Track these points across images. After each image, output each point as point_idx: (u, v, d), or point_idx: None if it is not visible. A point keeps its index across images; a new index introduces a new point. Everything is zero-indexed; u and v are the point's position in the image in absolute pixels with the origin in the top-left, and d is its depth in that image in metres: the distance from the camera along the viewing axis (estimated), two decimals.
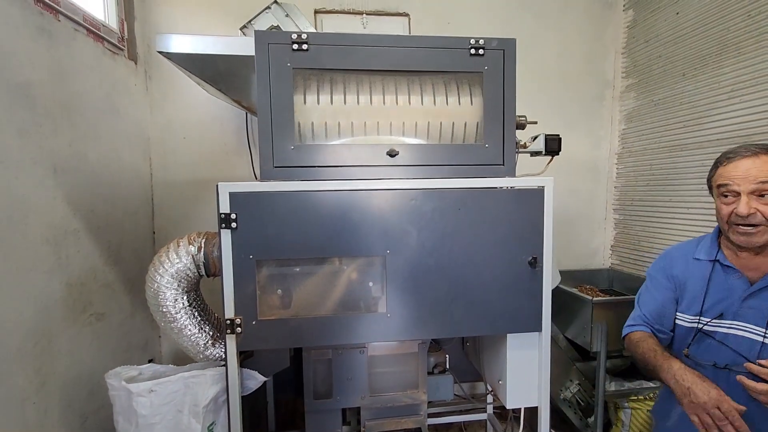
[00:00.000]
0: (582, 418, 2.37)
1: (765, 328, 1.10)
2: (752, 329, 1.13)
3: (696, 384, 1.09)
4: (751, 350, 1.11)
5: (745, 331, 1.14)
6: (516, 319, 1.42)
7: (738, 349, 1.13)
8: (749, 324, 1.13)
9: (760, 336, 1.10)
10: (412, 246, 1.35)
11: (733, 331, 1.16)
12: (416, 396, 1.49)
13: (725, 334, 1.16)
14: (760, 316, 1.11)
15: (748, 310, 1.14)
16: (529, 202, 1.40)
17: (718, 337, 1.17)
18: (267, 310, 1.32)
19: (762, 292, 1.12)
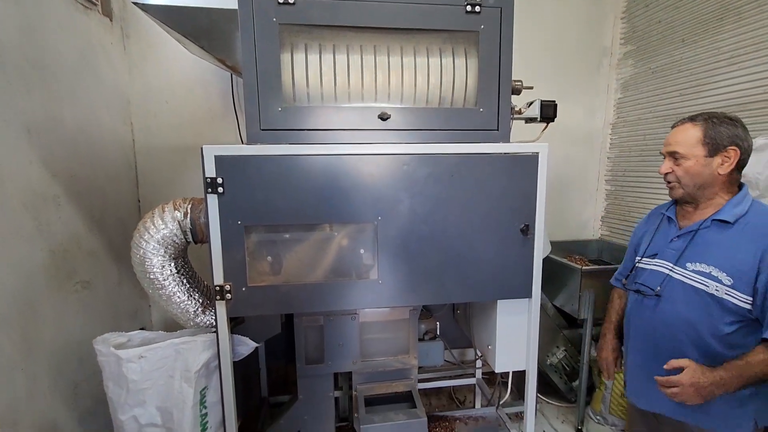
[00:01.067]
0: (567, 383, 2.45)
1: (673, 263, 1.26)
2: (665, 264, 1.29)
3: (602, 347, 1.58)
4: (660, 280, 1.28)
5: (661, 267, 1.30)
6: (507, 285, 1.42)
7: (652, 279, 1.31)
8: (666, 261, 1.29)
9: (667, 270, 1.27)
10: (403, 213, 1.33)
11: (655, 267, 1.33)
12: (407, 361, 1.51)
13: (651, 269, 1.34)
14: (674, 254, 1.27)
15: (669, 250, 1.30)
16: (523, 169, 1.38)
17: (645, 271, 1.36)
18: (257, 277, 1.30)
19: (684, 236, 1.27)
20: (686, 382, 1.10)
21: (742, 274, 1.11)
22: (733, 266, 1.13)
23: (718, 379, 1.09)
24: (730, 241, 1.15)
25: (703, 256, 1.19)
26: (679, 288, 1.23)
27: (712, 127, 1.19)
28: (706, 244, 1.21)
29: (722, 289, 1.13)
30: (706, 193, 1.21)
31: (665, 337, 1.25)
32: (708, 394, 1.09)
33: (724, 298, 1.13)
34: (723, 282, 1.13)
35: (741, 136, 1.18)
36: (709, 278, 1.16)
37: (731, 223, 1.16)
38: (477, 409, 1.83)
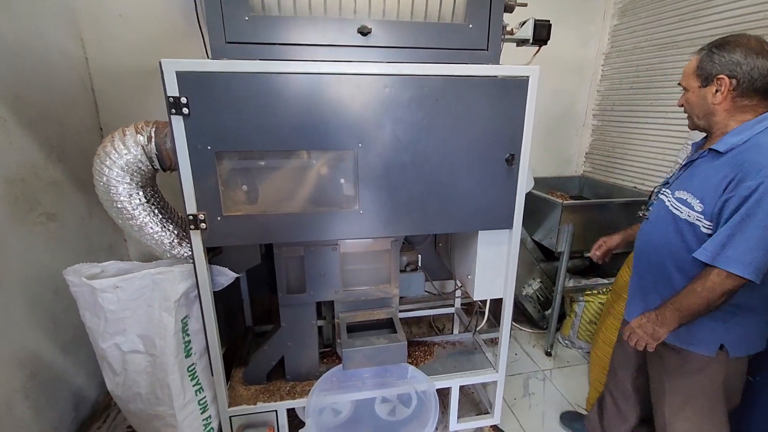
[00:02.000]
0: (540, 311, 2.59)
1: (671, 192, 1.25)
2: (666, 191, 1.29)
3: None
4: (660, 209, 1.28)
5: (663, 194, 1.30)
6: (489, 216, 1.41)
7: (656, 206, 1.33)
8: (668, 189, 1.29)
9: (665, 197, 1.28)
10: (385, 140, 1.26)
11: (661, 195, 1.32)
12: (388, 290, 1.54)
13: (660, 197, 1.33)
14: (677, 183, 1.26)
15: (676, 179, 1.29)
16: (512, 94, 1.30)
17: (658, 199, 1.34)
18: (232, 206, 1.25)
19: (686, 165, 1.27)
20: (634, 326, 1.21)
21: (710, 201, 1.11)
22: (705, 193, 1.12)
23: (658, 318, 1.16)
24: (714, 170, 1.13)
25: (687, 184, 1.19)
26: (663, 212, 1.25)
27: (707, 56, 1.14)
28: (695, 173, 1.20)
29: (693, 215, 1.15)
30: (714, 123, 1.17)
31: (653, 260, 1.28)
32: (652, 333, 1.16)
33: (695, 223, 1.15)
34: (695, 208, 1.14)
35: (738, 61, 1.08)
36: (685, 204, 1.18)
37: (722, 152, 1.12)
38: (455, 335, 1.92)
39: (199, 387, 1.43)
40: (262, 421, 1.50)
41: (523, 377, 2.18)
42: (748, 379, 1.35)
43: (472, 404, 1.98)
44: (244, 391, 1.53)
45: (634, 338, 1.21)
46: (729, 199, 1.05)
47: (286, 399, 1.49)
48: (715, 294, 1.07)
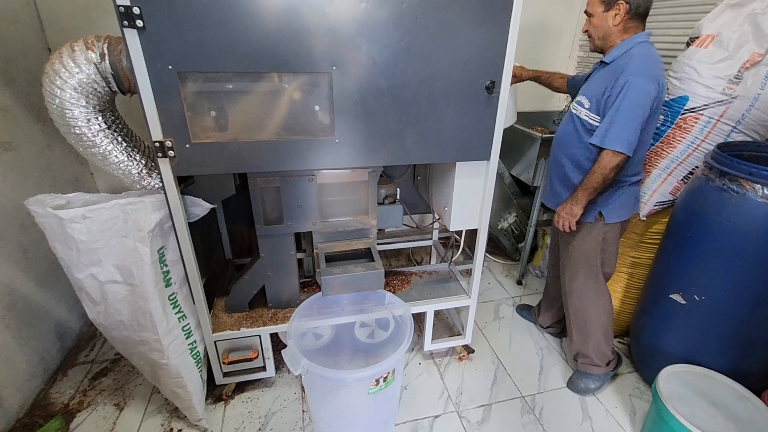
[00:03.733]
0: (514, 244, 2.69)
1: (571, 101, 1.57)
2: None
3: None
4: (567, 114, 1.55)
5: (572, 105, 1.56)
6: (467, 147, 1.40)
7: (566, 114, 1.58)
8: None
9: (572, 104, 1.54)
10: (361, 62, 1.19)
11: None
12: (366, 221, 1.55)
13: None
14: (581, 92, 1.51)
15: None
16: (495, 16, 1.23)
17: None
18: (201, 133, 1.19)
19: (589, 77, 1.56)
20: (559, 211, 1.52)
21: (595, 99, 1.40)
22: (592, 93, 1.42)
23: (573, 199, 1.47)
24: (600, 76, 1.44)
25: (585, 90, 1.49)
26: (568, 115, 1.54)
27: None
28: (590, 81, 1.50)
29: (583, 111, 1.45)
30: (608, 43, 1.44)
31: (555, 153, 1.60)
32: (570, 212, 1.47)
33: (584, 119, 1.45)
34: (584, 105, 1.45)
35: None
36: (580, 105, 1.47)
37: (608, 63, 1.42)
38: (431, 266, 1.99)
39: (182, 314, 1.46)
40: (246, 345, 1.57)
41: (495, 303, 2.33)
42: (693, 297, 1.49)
43: (446, 327, 2.12)
44: (227, 318, 1.58)
45: (560, 220, 1.51)
46: (609, 96, 1.36)
47: (269, 325, 1.55)
48: (606, 170, 1.37)
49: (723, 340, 1.49)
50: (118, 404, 1.64)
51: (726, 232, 1.38)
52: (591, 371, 1.74)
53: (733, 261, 1.38)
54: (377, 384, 1.28)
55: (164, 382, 1.49)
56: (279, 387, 1.73)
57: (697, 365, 1.51)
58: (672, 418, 1.32)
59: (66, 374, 1.76)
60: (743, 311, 1.41)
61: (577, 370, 1.80)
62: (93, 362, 1.82)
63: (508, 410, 1.67)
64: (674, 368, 1.50)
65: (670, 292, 1.56)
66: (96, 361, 1.83)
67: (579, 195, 1.45)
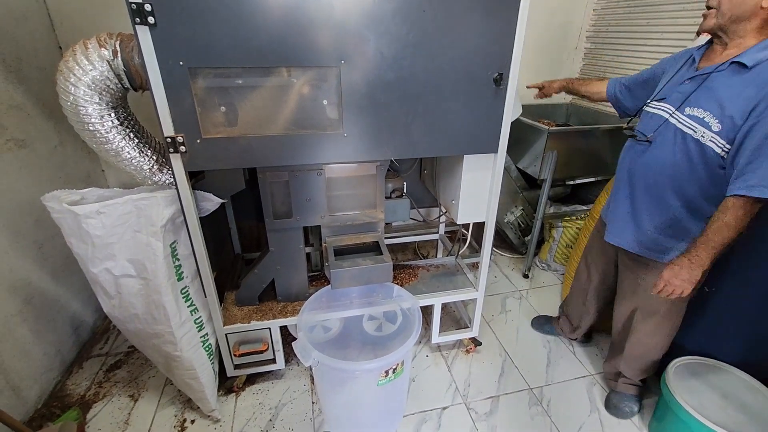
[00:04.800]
0: (520, 237, 2.69)
1: (675, 108, 1.17)
2: (667, 108, 1.21)
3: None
4: (656, 125, 1.22)
5: (663, 111, 1.22)
6: (474, 140, 1.40)
7: (651, 124, 1.25)
8: (669, 105, 1.21)
9: (668, 114, 1.20)
10: (369, 56, 1.20)
11: (658, 110, 1.25)
12: (374, 215, 1.56)
13: (653, 113, 1.27)
14: (680, 98, 1.18)
15: (676, 93, 1.20)
16: (503, 8, 1.23)
17: (648, 115, 1.29)
18: (211, 128, 1.21)
19: (696, 78, 1.16)
20: (668, 278, 1.14)
21: (731, 121, 1.04)
22: (725, 112, 1.05)
23: (693, 262, 1.10)
24: (738, 86, 1.05)
25: (704, 101, 1.10)
26: (671, 133, 1.17)
27: None
28: (713, 88, 1.10)
29: (708, 135, 1.08)
30: (738, 29, 1.07)
31: (648, 182, 1.24)
32: (690, 277, 1.11)
33: (707, 145, 1.09)
34: (711, 128, 1.07)
35: None
36: (700, 123, 1.10)
37: (749, 67, 1.03)
38: (438, 259, 2.00)
39: (193, 308, 1.49)
40: (256, 337, 1.60)
41: (501, 297, 2.33)
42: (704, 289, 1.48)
43: (453, 320, 2.13)
44: (237, 311, 1.60)
45: (671, 289, 1.14)
46: (757, 123, 0.99)
47: (279, 318, 1.58)
48: (745, 223, 1.04)
49: (734, 331, 1.48)
50: (132, 395, 1.67)
51: None
52: (633, 392, 1.61)
53: (744, 252, 1.37)
54: (386, 375, 1.30)
55: (177, 373, 1.52)
56: (289, 379, 1.75)
57: (707, 357, 1.50)
58: (681, 409, 1.32)
59: (82, 366, 1.80)
60: (754, 302, 1.40)
61: (618, 392, 1.64)
62: (107, 355, 1.86)
63: (516, 402, 1.68)
64: (684, 360, 1.50)
65: None
66: (110, 353, 1.87)
67: (703, 255, 1.09)
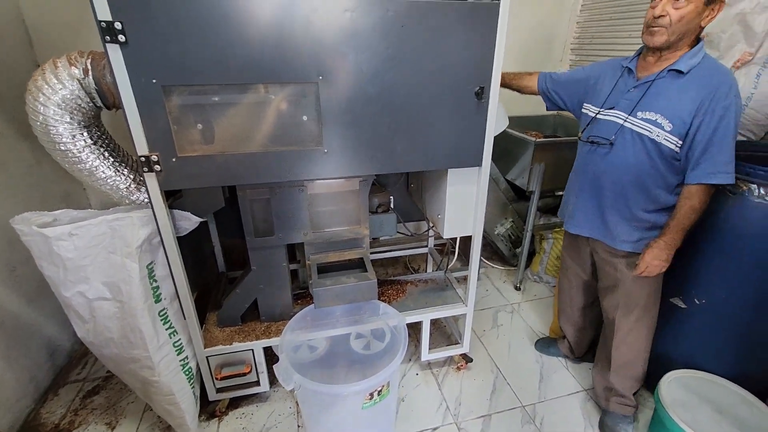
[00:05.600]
0: (511, 249, 2.67)
1: (627, 114, 1.29)
2: (620, 115, 1.32)
3: None
4: (614, 130, 1.32)
5: (616, 117, 1.33)
6: (458, 153, 1.39)
7: (607, 129, 1.35)
8: (621, 111, 1.31)
9: (621, 120, 1.31)
10: (348, 71, 1.18)
11: (611, 118, 1.35)
12: (358, 231, 1.53)
13: (606, 120, 1.36)
14: (629, 105, 1.29)
15: (625, 101, 1.31)
16: (481, 22, 1.22)
17: (600, 122, 1.38)
18: (187, 146, 1.18)
19: (641, 86, 1.28)
20: (649, 260, 1.29)
21: (681, 120, 1.19)
22: (674, 113, 1.20)
23: (668, 244, 1.26)
24: (679, 90, 1.20)
25: (653, 105, 1.24)
26: (629, 136, 1.29)
27: None
28: (658, 93, 1.24)
29: (662, 134, 1.22)
30: (679, 44, 1.20)
31: (613, 181, 1.35)
32: (664, 258, 1.27)
33: (662, 143, 1.23)
34: (664, 128, 1.21)
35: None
36: (654, 125, 1.23)
37: (684, 73, 1.19)
38: (427, 273, 1.97)
39: (172, 330, 1.44)
40: (239, 359, 1.55)
41: (493, 311, 2.30)
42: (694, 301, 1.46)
43: (443, 336, 2.09)
44: (219, 332, 1.55)
45: (651, 269, 1.29)
46: (703, 120, 1.15)
47: (262, 338, 1.53)
48: (704, 206, 1.22)
49: (725, 343, 1.46)
50: (109, 423, 1.61)
51: (723, 233, 1.36)
52: (627, 412, 1.58)
53: (732, 262, 1.36)
54: (371, 398, 1.25)
55: (156, 399, 1.46)
56: (274, 402, 1.69)
57: (700, 370, 1.47)
58: (675, 425, 1.29)
59: (57, 393, 1.72)
60: (745, 313, 1.38)
61: (611, 412, 1.60)
62: (85, 380, 1.79)
63: (509, 420, 1.64)
64: (676, 374, 1.47)
65: (670, 296, 1.54)
66: (88, 379, 1.80)
67: (674, 237, 1.25)
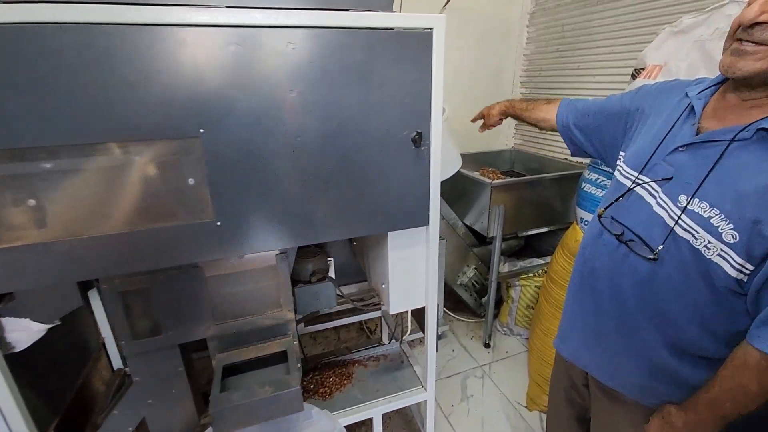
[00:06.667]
0: (477, 299, 2.40)
1: (674, 203, 0.71)
2: (658, 195, 0.75)
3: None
4: (659, 233, 0.73)
5: (650, 196, 0.77)
6: (397, 212, 1.11)
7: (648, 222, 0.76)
8: (656, 188, 0.76)
9: (663, 210, 0.73)
10: (240, 120, 0.89)
11: (641, 191, 0.79)
12: (279, 315, 1.20)
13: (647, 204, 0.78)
14: (677, 181, 0.72)
15: (666, 166, 0.75)
16: (412, 54, 0.99)
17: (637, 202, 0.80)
18: (8, 233, 0.83)
19: (695, 147, 0.71)
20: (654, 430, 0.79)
21: (757, 229, 0.62)
22: (746, 213, 0.63)
23: (689, 425, 0.74)
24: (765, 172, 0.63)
25: (711, 190, 0.68)
26: (659, 230, 0.75)
27: None
28: (728, 169, 0.67)
29: (716, 246, 0.66)
30: None
31: (622, 300, 0.81)
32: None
33: (713, 260, 0.67)
34: (722, 236, 0.65)
35: None
36: (704, 227, 0.67)
37: None
38: (379, 347, 1.65)
39: None
40: None
41: (461, 377, 1.99)
42: None
43: (404, 421, 1.74)
44: None
45: None
46: None
47: None
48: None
49: None
50: None
51: None
52: None
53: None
54: None
55: None
56: None
57: None
58: None
59: None
60: None
61: None
62: None
63: None
64: None
65: None
66: None
67: (705, 419, 0.72)
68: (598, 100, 1.07)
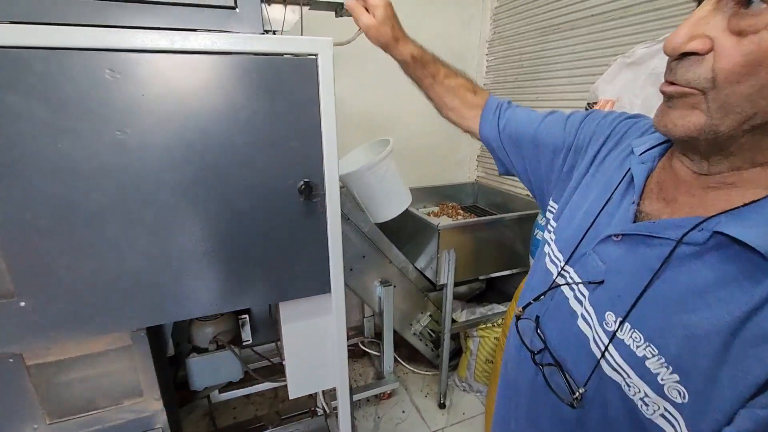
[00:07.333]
0: (433, 350, 2.16)
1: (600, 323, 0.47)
2: (583, 304, 0.51)
3: None
4: (576, 349, 0.50)
5: (576, 302, 0.52)
6: (286, 279, 0.89)
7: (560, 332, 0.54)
8: (583, 291, 0.51)
9: (589, 327, 0.49)
10: (46, 164, 0.67)
11: (566, 289, 0.54)
12: (142, 407, 0.95)
13: (555, 292, 0.56)
14: (607, 288, 0.48)
15: (596, 260, 0.51)
16: (292, 87, 0.79)
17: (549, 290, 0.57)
18: None
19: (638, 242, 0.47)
20: None
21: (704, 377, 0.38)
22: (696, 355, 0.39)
23: None
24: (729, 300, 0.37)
25: (649, 316, 0.43)
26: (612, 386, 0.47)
27: None
28: (672, 288, 0.42)
29: (656, 403, 0.41)
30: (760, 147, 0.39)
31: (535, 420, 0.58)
32: None
33: (655, 421, 0.42)
34: (664, 390, 0.40)
35: None
36: (637, 370, 0.43)
37: (759, 253, 0.35)
38: (300, 422, 1.38)
39: None
40: None
41: None
42: None
43: None
44: None
45: None
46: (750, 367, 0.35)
47: None
48: None
49: None
50: None
51: None
52: None
53: None
54: None
55: None
56: None
57: None
58: None
59: None
60: None
61: None
62: None
63: None
64: None
65: None
66: None
67: None
68: (533, 121, 0.76)
